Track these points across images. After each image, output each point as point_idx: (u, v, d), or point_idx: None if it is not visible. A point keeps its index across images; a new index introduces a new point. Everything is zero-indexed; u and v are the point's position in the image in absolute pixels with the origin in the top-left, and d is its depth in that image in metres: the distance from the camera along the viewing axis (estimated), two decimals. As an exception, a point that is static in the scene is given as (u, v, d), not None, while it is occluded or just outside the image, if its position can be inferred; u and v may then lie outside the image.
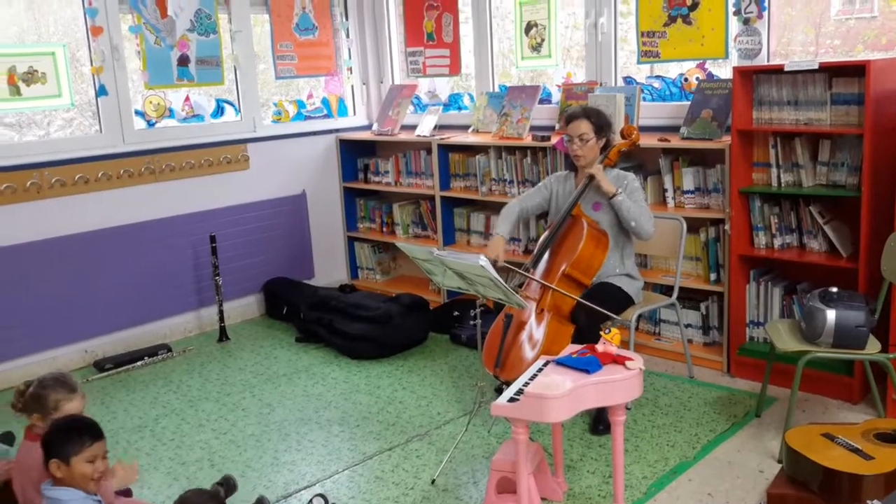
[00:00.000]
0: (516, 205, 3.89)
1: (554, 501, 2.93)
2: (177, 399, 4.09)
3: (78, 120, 4.93)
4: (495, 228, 3.84)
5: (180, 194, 4.90)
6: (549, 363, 2.82)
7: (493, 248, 3.70)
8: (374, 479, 3.20)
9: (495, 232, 3.80)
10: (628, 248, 3.71)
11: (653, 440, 3.37)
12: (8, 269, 4.24)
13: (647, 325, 4.35)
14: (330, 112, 5.74)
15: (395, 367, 4.37)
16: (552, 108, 4.81)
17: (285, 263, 5.47)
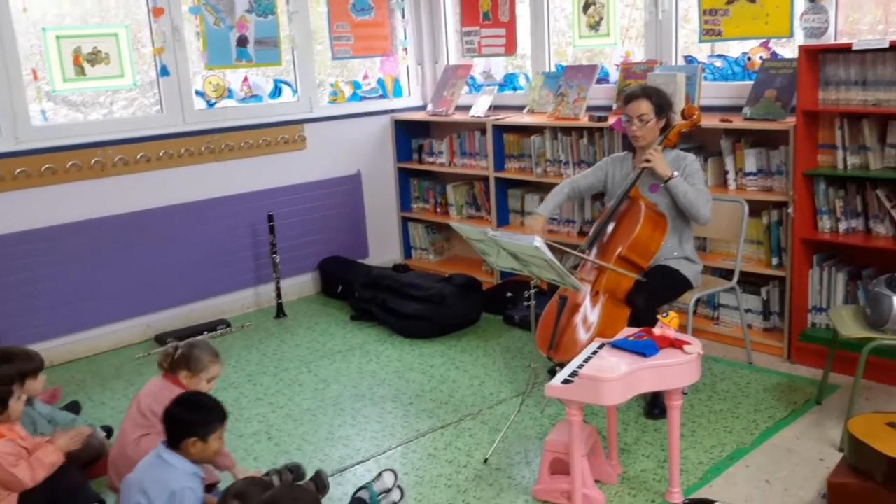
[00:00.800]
0: (567, 184, 3.85)
1: (608, 484, 2.92)
2: (235, 373, 4.18)
3: (139, 100, 5.04)
4: (540, 206, 3.81)
5: (239, 174, 4.98)
6: (604, 345, 2.81)
7: (530, 227, 3.68)
8: (427, 456, 3.23)
9: (536, 210, 3.78)
10: (687, 231, 3.65)
11: (709, 426, 3.33)
12: (73, 245, 4.38)
13: (706, 310, 4.28)
14: (385, 93, 5.76)
15: (448, 347, 4.39)
16: (610, 88, 4.74)
17: (340, 243, 5.52)
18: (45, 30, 4.29)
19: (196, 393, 2.75)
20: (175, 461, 2.53)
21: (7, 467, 2.65)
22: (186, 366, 2.97)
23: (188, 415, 2.55)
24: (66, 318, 4.39)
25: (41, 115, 4.42)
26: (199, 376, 2.97)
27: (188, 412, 2.56)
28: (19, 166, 4.19)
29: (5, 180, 4.17)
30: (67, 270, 4.37)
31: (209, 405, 2.62)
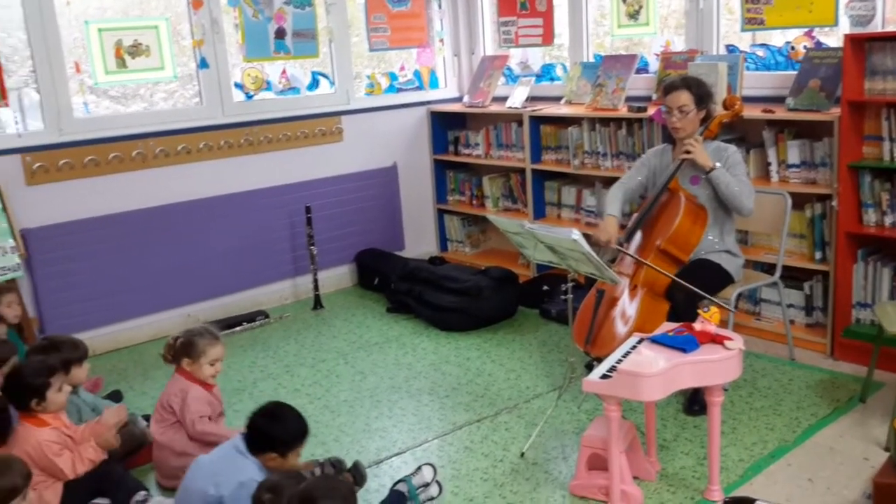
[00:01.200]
0: (619, 187, 3.76)
1: (646, 481, 2.89)
2: (274, 364, 4.22)
3: (179, 92, 5.09)
4: (605, 210, 3.73)
5: (277, 166, 5.02)
6: (643, 340, 2.77)
7: (605, 230, 3.57)
8: (463, 448, 3.23)
9: (606, 213, 3.69)
10: (728, 224, 3.59)
11: (750, 423, 3.28)
12: (115, 235, 4.45)
13: (747, 305, 4.21)
14: (421, 84, 5.75)
15: (484, 340, 4.38)
16: (649, 78, 4.67)
17: (377, 235, 5.53)
18: (87, 23, 4.35)
19: (281, 405, 2.67)
20: (248, 455, 2.55)
21: (50, 455, 2.71)
22: (186, 353, 3.07)
23: (272, 429, 2.56)
24: (108, 307, 4.46)
25: (84, 108, 4.49)
26: (200, 361, 3.06)
27: (272, 426, 2.56)
28: (63, 158, 4.27)
29: (49, 172, 4.24)
30: (110, 260, 4.44)
31: (293, 422, 2.61)
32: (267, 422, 2.57)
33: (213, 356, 3.08)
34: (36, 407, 2.75)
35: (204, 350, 3.06)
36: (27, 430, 2.73)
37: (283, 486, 2.17)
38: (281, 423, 2.59)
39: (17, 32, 4.38)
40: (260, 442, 2.55)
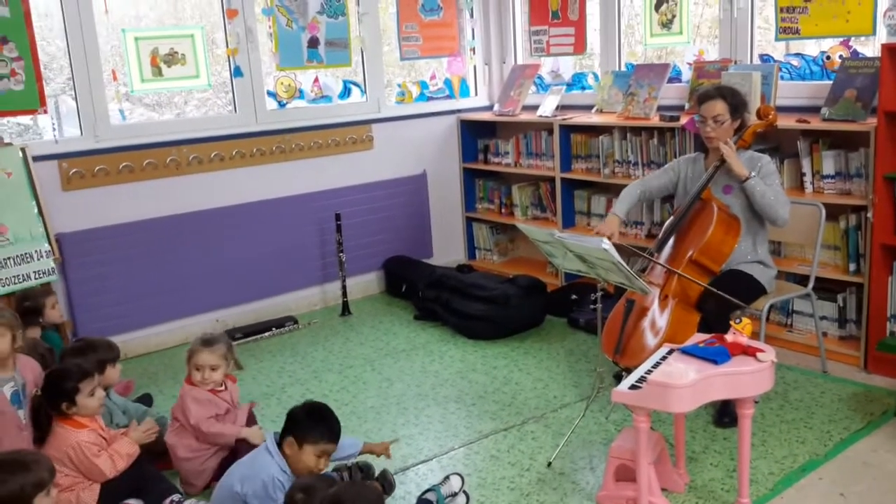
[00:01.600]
0: (637, 185, 3.79)
1: (675, 493, 2.86)
2: (302, 369, 4.24)
3: (212, 100, 5.16)
4: (614, 207, 3.76)
5: (308, 173, 5.06)
6: (673, 351, 2.75)
7: (607, 226, 3.62)
8: (489, 457, 3.22)
9: (611, 211, 3.73)
10: (762, 235, 3.55)
11: (781, 435, 3.23)
12: (148, 241, 4.51)
13: (779, 316, 4.16)
14: (452, 93, 5.76)
15: (511, 349, 4.37)
16: (682, 88, 4.65)
17: (405, 242, 5.55)
18: (124, 31, 4.43)
19: (323, 404, 2.75)
20: (275, 455, 2.59)
21: (91, 457, 2.75)
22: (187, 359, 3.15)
23: (296, 412, 2.63)
24: (140, 311, 4.52)
25: (120, 115, 4.57)
26: (189, 366, 3.13)
27: (299, 410, 2.64)
28: (98, 164, 4.34)
29: (85, 177, 4.32)
30: (142, 265, 4.50)
31: (323, 418, 2.65)
32: (300, 408, 2.65)
33: (196, 362, 3.11)
34: (67, 410, 2.79)
35: (191, 356, 3.13)
36: (66, 432, 2.78)
37: (316, 488, 2.19)
38: (307, 409, 2.65)
39: (56, 41, 4.48)
40: (286, 424, 2.60)
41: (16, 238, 3.96)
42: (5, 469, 2.19)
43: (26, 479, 2.19)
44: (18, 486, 2.17)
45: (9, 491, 2.16)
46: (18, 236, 3.97)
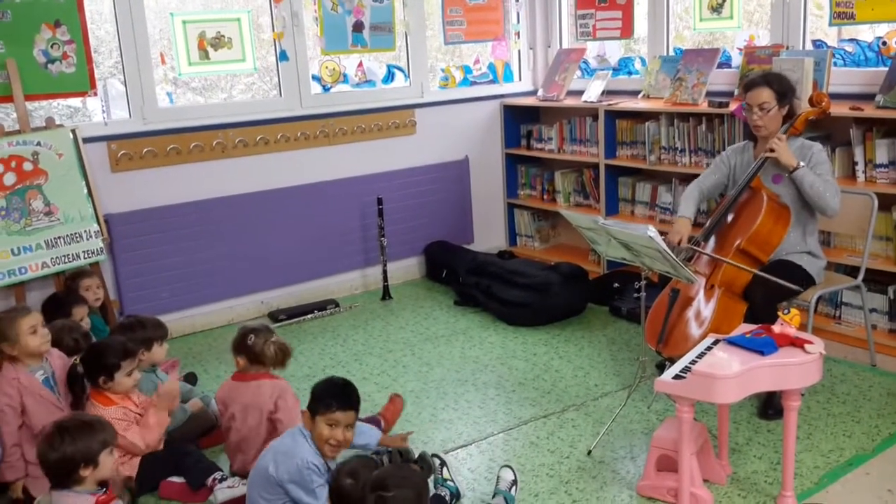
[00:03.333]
0: (696, 186, 3.70)
1: (717, 484, 2.83)
2: (343, 352, 4.28)
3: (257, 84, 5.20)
4: (678, 210, 3.68)
5: (351, 157, 5.08)
6: (718, 341, 2.71)
7: (676, 231, 3.54)
8: (529, 444, 3.22)
9: (679, 213, 3.64)
10: (811, 225, 3.47)
11: (827, 429, 3.17)
12: (194, 223, 4.57)
13: (827, 308, 4.07)
14: (496, 77, 5.73)
15: (552, 336, 4.35)
16: (732, 73, 4.55)
17: (446, 227, 5.55)
18: (172, 15, 4.47)
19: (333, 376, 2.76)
20: (308, 438, 2.59)
21: (120, 432, 2.81)
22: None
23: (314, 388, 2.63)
24: (185, 292, 4.59)
25: (168, 98, 4.63)
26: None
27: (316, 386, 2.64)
28: (146, 146, 4.41)
29: (133, 159, 4.39)
30: (188, 247, 4.57)
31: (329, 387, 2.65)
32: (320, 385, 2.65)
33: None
34: (103, 385, 2.86)
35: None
36: (95, 409, 2.86)
37: (361, 472, 2.20)
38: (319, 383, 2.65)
39: (106, 24, 4.55)
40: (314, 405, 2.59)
41: (66, 218, 4.06)
42: (73, 430, 2.37)
43: (93, 438, 2.37)
44: (86, 445, 2.35)
45: (77, 449, 2.34)
46: (69, 216, 4.07)
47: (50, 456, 2.34)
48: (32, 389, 2.88)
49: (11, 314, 2.93)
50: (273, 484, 2.55)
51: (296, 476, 2.52)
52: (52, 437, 2.36)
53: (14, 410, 2.85)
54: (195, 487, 2.92)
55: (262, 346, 3.03)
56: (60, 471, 2.36)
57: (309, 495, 2.52)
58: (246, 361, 3.05)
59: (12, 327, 2.86)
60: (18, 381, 2.87)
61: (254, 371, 3.04)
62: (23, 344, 2.87)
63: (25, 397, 2.86)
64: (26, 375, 2.89)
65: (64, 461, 2.33)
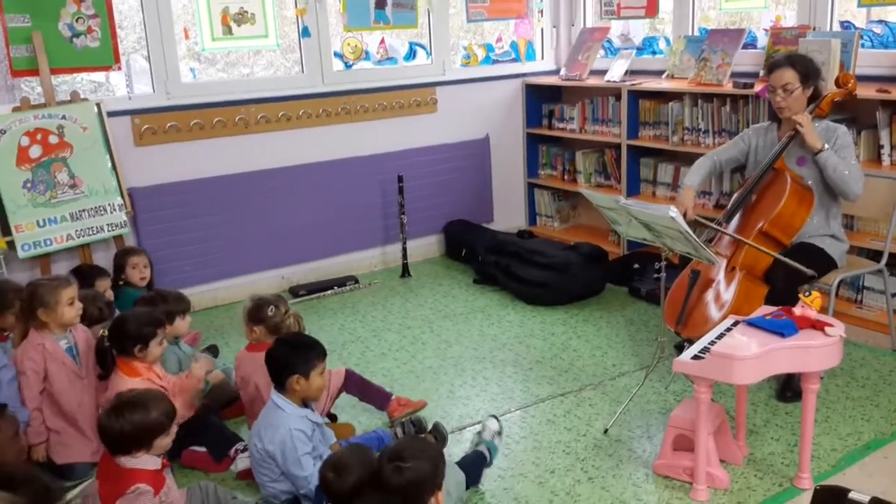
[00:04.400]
0: (709, 158, 3.71)
1: (733, 465, 2.84)
2: (362, 328, 4.31)
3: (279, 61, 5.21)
4: (684, 179, 3.70)
5: (372, 135, 5.08)
6: (738, 323, 2.71)
7: (682, 201, 3.57)
8: (546, 421, 3.24)
9: (684, 183, 3.66)
10: (835, 208, 3.44)
11: (846, 412, 3.16)
12: (216, 198, 4.61)
13: (849, 292, 4.04)
14: (518, 56, 5.70)
15: (570, 316, 4.35)
16: (757, 54, 4.50)
17: (466, 206, 5.55)
18: (196, -11, 4.49)
19: (295, 333, 2.87)
20: (284, 405, 2.66)
21: None
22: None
23: (288, 354, 2.67)
24: (207, 266, 4.64)
25: (191, 73, 4.65)
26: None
27: (288, 352, 2.68)
28: (170, 121, 4.44)
29: (157, 134, 4.42)
30: (211, 221, 4.61)
31: (308, 343, 2.74)
32: (282, 349, 2.69)
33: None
34: (137, 353, 2.89)
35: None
36: (120, 379, 2.88)
37: (348, 465, 2.20)
38: (294, 345, 2.71)
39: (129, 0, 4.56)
40: (281, 370, 2.65)
41: (91, 191, 4.11)
42: (125, 409, 2.33)
43: (146, 420, 2.33)
44: (138, 426, 2.31)
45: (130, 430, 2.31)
46: (93, 189, 4.12)
47: (108, 431, 2.32)
48: (56, 356, 2.94)
49: (54, 283, 3.00)
50: (265, 458, 2.62)
51: (282, 446, 2.59)
52: (111, 413, 2.33)
53: (37, 375, 2.92)
54: (217, 457, 2.97)
55: (282, 317, 3.08)
56: (117, 447, 2.35)
57: (295, 466, 2.59)
58: (264, 331, 3.09)
59: (53, 295, 2.93)
60: (44, 347, 2.93)
61: (270, 341, 3.07)
62: (59, 313, 2.94)
63: (49, 363, 2.93)
64: (52, 342, 2.94)
65: (121, 439, 2.32)
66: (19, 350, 2.95)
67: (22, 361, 2.91)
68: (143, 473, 2.33)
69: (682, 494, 2.70)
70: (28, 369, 2.90)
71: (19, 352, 2.95)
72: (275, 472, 2.64)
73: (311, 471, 2.58)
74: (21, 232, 3.91)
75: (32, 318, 2.95)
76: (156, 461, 2.38)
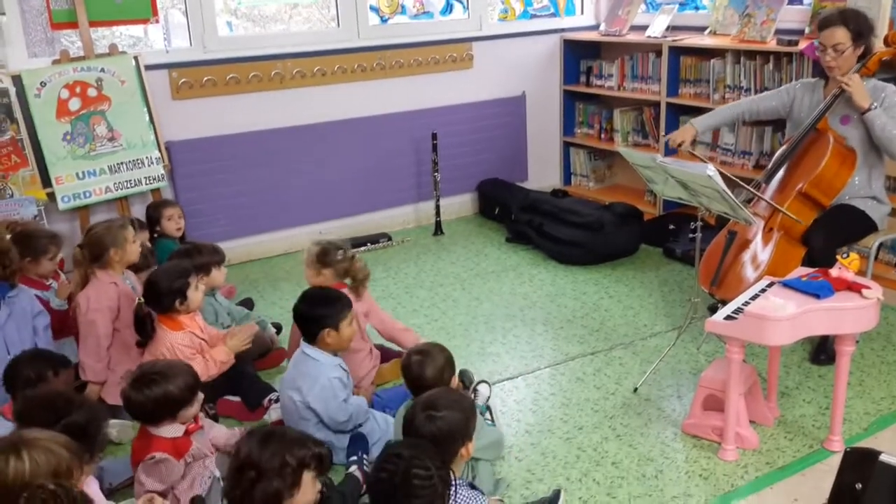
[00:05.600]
0: (745, 103, 3.65)
1: (763, 426, 2.82)
2: (394, 284, 4.34)
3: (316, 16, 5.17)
4: (699, 117, 3.68)
5: (407, 91, 5.05)
6: (773, 284, 2.67)
7: (678, 134, 3.60)
8: (575, 379, 3.25)
9: (690, 121, 3.65)
10: (878, 169, 3.35)
11: (881, 376, 3.12)
12: (252, 153, 4.64)
13: (889, 256, 3.95)
14: (557, 11, 5.60)
15: (603, 276, 4.33)
16: (803, 10, 4.36)
17: (500, 164, 5.52)
18: (233, -57, 4.47)
19: (320, 288, 2.91)
20: (318, 355, 2.73)
21: (183, 359, 2.89)
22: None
23: (317, 309, 2.73)
24: (243, 220, 4.69)
25: (227, 27, 4.64)
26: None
27: (316, 307, 2.74)
28: (206, 75, 4.46)
29: (194, 87, 4.44)
30: (246, 176, 4.64)
31: (334, 296, 2.80)
32: (309, 305, 2.75)
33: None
34: (180, 307, 2.93)
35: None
36: (163, 332, 2.93)
37: (432, 351, 2.51)
38: (321, 300, 2.77)
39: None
40: (312, 325, 2.72)
41: (128, 144, 4.16)
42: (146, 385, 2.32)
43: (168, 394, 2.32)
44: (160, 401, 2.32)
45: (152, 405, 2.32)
46: (131, 142, 4.17)
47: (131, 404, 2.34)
48: (127, 294, 3.08)
49: (119, 223, 3.15)
50: (304, 410, 2.68)
51: (324, 397, 2.65)
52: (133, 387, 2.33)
53: (112, 313, 3.05)
54: (252, 407, 3.03)
55: (350, 261, 3.17)
56: (142, 418, 2.38)
57: (337, 413, 2.67)
58: (332, 275, 3.15)
59: (122, 234, 3.08)
60: (115, 285, 3.07)
61: (336, 284, 3.14)
62: (128, 251, 3.10)
63: (122, 299, 3.06)
64: (121, 281, 3.10)
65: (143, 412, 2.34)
66: (89, 290, 3.06)
67: (97, 299, 3.04)
68: (161, 442, 2.34)
69: (710, 454, 2.70)
70: (104, 307, 3.03)
71: (90, 292, 3.05)
72: (312, 421, 2.69)
73: (350, 412, 2.69)
74: (61, 184, 3.99)
75: (100, 259, 3.06)
76: (177, 429, 2.38)
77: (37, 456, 1.67)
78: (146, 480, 2.34)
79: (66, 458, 1.72)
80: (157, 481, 2.34)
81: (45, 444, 1.70)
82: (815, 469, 2.60)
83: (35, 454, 1.67)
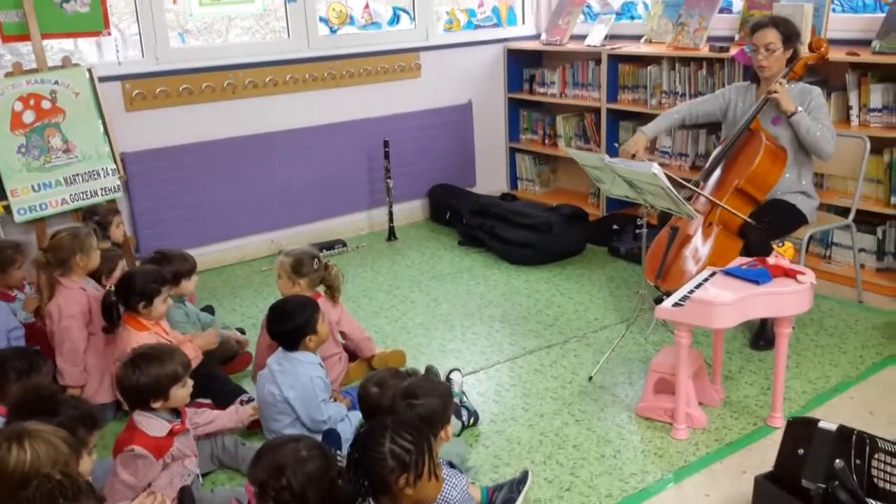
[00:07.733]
0: (684, 108, 3.90)
1: (710, 407, 3.03)
2: (352, 288, 4.43)
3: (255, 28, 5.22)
4: (647, 125, 3.87)
5: (357, 100, 5.16)
6: (715, 273, 2.87)
7: (632, 144, 3.77)
8: (533, 371, 3.41)
9: (640, 129, 3.84)
10: (807, 166, 3.61)
11: (815, 358, 3.37)
12: (206, 162, 4.69)
13: (818, 248, 4.24)
14: (499, 21, 5.79)
15: (554, 274, 4.51)
16: (733, 18, 4.64)
17: (449, 170, 5.66)
18: (183, -44, 4.52)
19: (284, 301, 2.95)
20: (301, 356, 2.83)
21: None
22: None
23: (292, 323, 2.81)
24: (198, 230, 4.72)
25: (179, 38, 4.69)
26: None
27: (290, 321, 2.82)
28: (159, 86, 4.49)
29: (147, 99, 4.48)
30: (201, 185, 4.68)
31: (304, 303, 2.89)
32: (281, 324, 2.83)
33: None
34: (142, 310, 3.00)
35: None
36: (128, 333, 3.00)
37: (389, 382, 2.44)
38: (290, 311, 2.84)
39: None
40: (297, 337, 2.81)
41: (84, 156, 4.17)
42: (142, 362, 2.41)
43: (161, 371, 2.41)
44: (154, 377, 2.40)
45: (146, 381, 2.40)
46: (86, 154, 4.18)
47: (125, 383, 2.40)
48: (97, 297, 3.12)
49: (83, 230, 3.20)
50: (281, 402, 2.77)
51: (303, 393, 2.75)
52: (128, 366, 2.41)
53: (84, 317, 3.10)
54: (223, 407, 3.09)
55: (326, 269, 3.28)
56: (135, 398, 2.44)
57: (315, 411, 2.77)
58: (307, 285, 3.22)
59: (88, 241, 3.14)
60: (84, 290, 3.12)
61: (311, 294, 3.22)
62: (92, 258, 3.16)
63: (92, 303, 3.11)
64: (88, 286, 3.15)
65: (137, 390, 2.40)
66: (59, 298, 3.10)
67: (69, 307, 3.08)
68: (144, 437, 2.40)
69: (663, 434, 2.89)
70: (77, 313, 3.07)
71: (60, 301, 3.09)
72: (289, 418, 2.78)
73: (328, 414, 2.78)
74: (17, 196, 3.98)
75: (65, 263, 3.11)
76: (163, 427, 2.43)
77: (38, 447, 1.74)
78: (122, 472, 2.38)
79: (65, 453, 1.79)
80: (131, 475, 2.38)
81: (46, 437, 1.77)
82: (760, 444, 2.81)
83: (37, 445, 1.74)
